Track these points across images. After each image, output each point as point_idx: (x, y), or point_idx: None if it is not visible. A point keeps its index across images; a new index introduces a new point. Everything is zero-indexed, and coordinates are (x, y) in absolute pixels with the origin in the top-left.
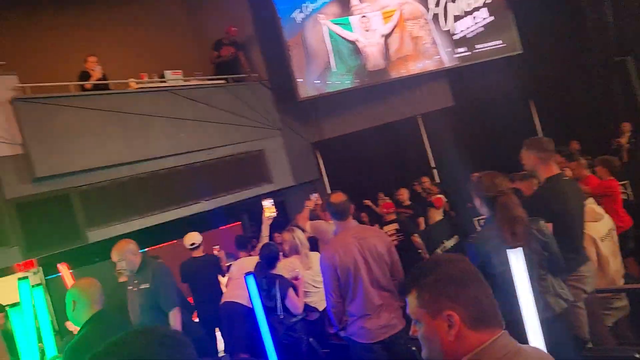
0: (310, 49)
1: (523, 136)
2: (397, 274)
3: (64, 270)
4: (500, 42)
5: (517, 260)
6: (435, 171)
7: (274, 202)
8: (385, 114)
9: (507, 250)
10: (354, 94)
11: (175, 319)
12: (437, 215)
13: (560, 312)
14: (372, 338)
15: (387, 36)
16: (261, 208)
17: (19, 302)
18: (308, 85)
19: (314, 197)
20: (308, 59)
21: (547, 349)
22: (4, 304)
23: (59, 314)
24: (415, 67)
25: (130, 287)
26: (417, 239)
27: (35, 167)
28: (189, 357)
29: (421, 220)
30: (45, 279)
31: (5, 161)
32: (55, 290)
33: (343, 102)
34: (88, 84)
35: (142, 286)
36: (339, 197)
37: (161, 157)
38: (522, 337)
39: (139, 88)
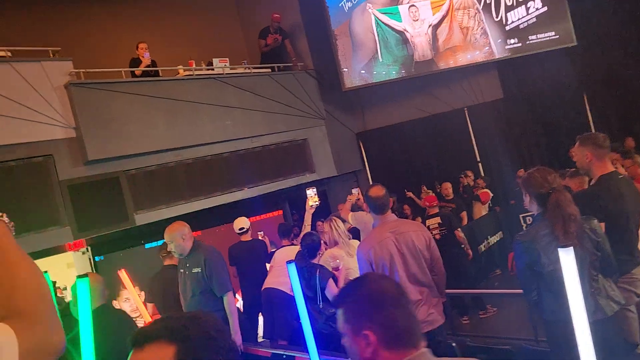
0: (357, 38)
1: (574, 132)
2: (437, 270)
3: (123, 276)
4: (553, 33)
5: (568, 260)
6: (480, 165)
7: (316, 191)
8: (430, 106)
9: (559, 249)
10: (399, 84)
11: (229, 302)
12: (482, 210)
13: (611, 315)
14: None
15: (435, 26)
16: (303, 197)
17: (86, 274)
18: (353, 75)
19: (355, 192)
20: (354, 48)
21: (595, 352)
22: (54, 280)
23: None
24: (464, 58)
25: (182, 271)
26: (460, 233)
27: (88, 150)
28: (228, 344)
29: (464, 214)
30: (94, 259)
31: (60, 144)
32: (102, 271)
33: (388, 93)
34: (138, 70)
35: (194, 270)
36: (378, 191)
37: (207, 144)
38: (570, 338)
39: (187, 75)
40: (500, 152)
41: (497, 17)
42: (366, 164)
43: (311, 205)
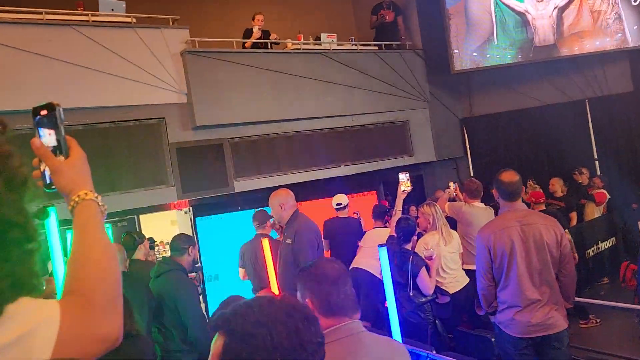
0: (472, 19)
1: None
2: (567, 271)
3: (265, 243)
4: None
5: None
6: (597, 163)
7: (412, 175)
8: (546, 95)
9: None
10: (513, 70)
11: None
12: (594, 212)
13: None
14: (521, 333)
15: (562, 8)
16: (397, 180)
17: None
18: (464, 57)
19: (453, 186)
20: (468, 28)
21: None
22: (157, 236)
23: (203, 251)
24: (592, 45)
25: (281, 240)
26: (567, 235)
27: (196, 116)
28: (271, 344)
29: (573, 215)
30: (195, 220)
31: (172, 108)
32: (202, 232)
33: (500, 78)
34: (249, 42)
35: (287, 241)
36: (511, 176)
37: (308, 119)
38: None
39: (294, 49)
40: (623, 151)
41: (635, 0)
42: (468, 151)
43: (403, 190)
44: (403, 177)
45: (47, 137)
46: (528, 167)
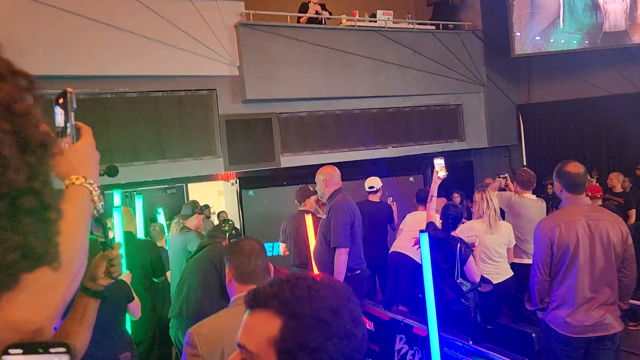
0: (538, 1)
1: None
2: (629, 270)
3: (308, 219)
4: None
5: None
6: None
7: (462, 161)
8: (613, 85)
9: None
10: (578, 56)
11: (337, 257)
12: None
13: None
14: (575, 333)
15: None
16: (447, 164)
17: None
18: (526, 41)
19: (504, 177)
20: (533, 11)
21: None
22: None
23: (247, 222)
24: None
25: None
26: None
27: (247, 89)
28: (345, 330)
29: (632, 212)
30: (240, 192)
31: (223, 81)
32: (246, 204)
33: (563, 64)
34: (304, 17)
35: (324, 217)
36: (576, 168)
37: (358, 97)
38: None
39: (349, 25)
40: None
41: None
42: (523, 139)
43: (439, 176)
44: (439, 161)
45: (59, 117)
46: (586, 160)
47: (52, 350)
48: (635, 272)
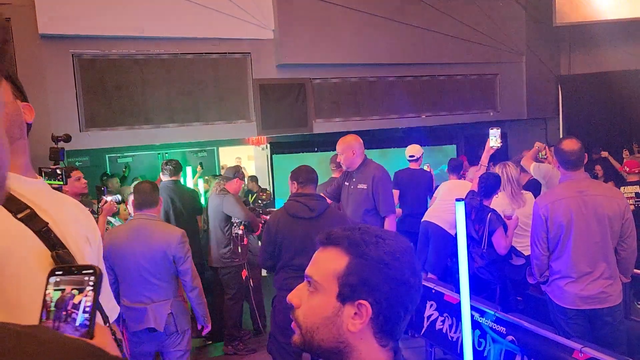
0: None
1: None
2: (627, 245)
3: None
4: None
5: None
6: None
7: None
8: None
9: None
10: (627, 26)
11: (390, 224)
12: None
13: None
14: (570, 304)
15: None
16: (480, 135)
17: None
18: (570, 8)
19: (544, 143)
20: None
21: None
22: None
23: (277, 189)
24: None
25: (347, 184)
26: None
27: (282, 53)
28: (401, 277)
29: None
30: (271, 157)
31: (258, 44)
32: (277, 169)
33: (609, 35)
34: None
35: (360, 186)
36: (572, 144)
37: (393, 64)
38: None
39: None
40: None
41: None
42: (560, 112)
43: (492, 146)
44: (495, 131)
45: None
46: (626, 135)
47: (84, 271)
48: (633, 247)
